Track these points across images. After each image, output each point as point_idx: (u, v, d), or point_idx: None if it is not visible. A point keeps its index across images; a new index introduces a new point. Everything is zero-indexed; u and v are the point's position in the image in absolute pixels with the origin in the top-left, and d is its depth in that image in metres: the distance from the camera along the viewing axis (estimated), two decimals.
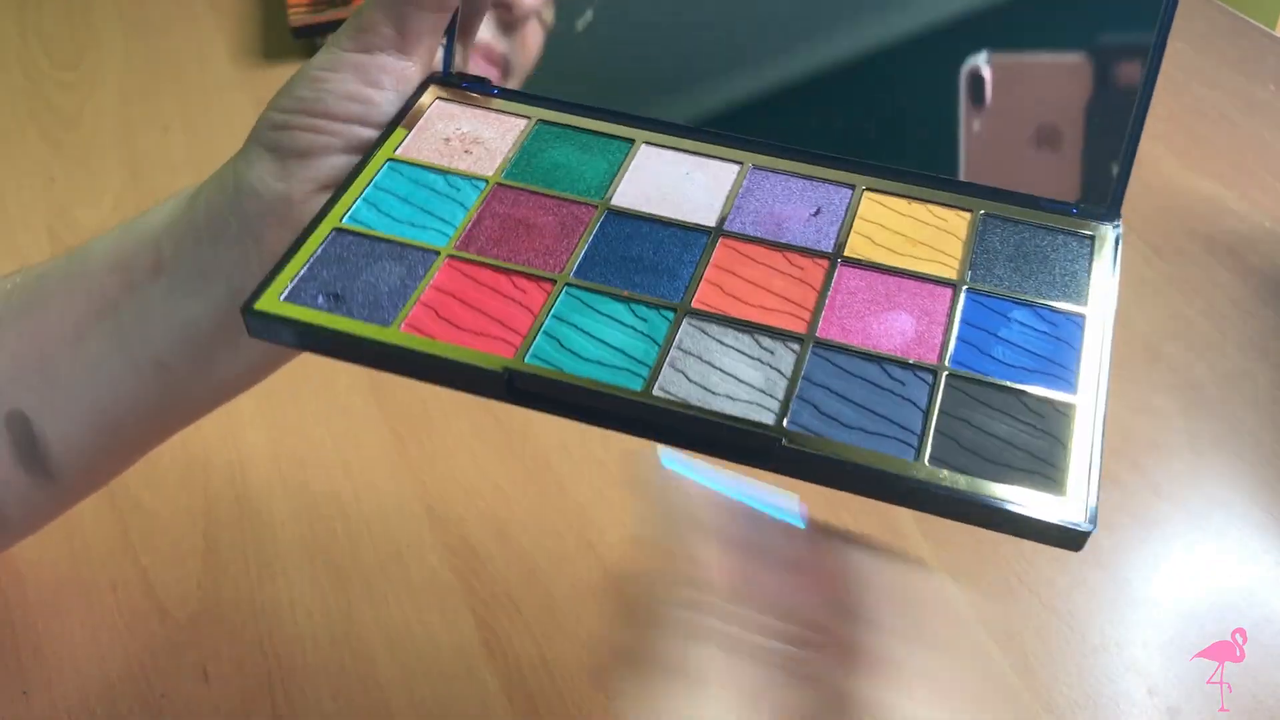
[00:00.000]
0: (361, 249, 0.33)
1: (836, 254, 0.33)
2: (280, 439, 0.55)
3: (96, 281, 0.38)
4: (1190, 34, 0.79)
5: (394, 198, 0.34)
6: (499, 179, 0.35)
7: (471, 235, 0.33)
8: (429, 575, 0.49)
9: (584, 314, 0.31)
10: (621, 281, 0.32)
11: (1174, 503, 0.51)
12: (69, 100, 0.80)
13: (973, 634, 0.46)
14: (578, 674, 0.45)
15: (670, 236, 0.34)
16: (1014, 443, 0.28)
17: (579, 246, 0.33)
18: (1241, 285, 0.60)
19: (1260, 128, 0.71)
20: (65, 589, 0.49)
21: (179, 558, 0.50)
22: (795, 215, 0.34)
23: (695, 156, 0.36)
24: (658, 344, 0.31)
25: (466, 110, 0.37)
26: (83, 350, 0.38)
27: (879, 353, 0.30)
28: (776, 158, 0.36)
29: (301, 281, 0.32)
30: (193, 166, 0.73)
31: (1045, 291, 0.32)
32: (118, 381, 0.38)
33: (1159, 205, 0.65)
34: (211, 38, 0.86)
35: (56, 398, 0.38)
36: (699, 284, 0.32)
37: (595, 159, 0.36)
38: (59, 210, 0.70)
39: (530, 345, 0.30)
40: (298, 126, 0.35)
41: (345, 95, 0.35)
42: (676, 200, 0.35)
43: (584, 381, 0.29)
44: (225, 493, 0.53)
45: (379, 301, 0.32)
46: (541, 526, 0.51)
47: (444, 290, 0.32)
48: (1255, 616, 0.47)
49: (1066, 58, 0.34)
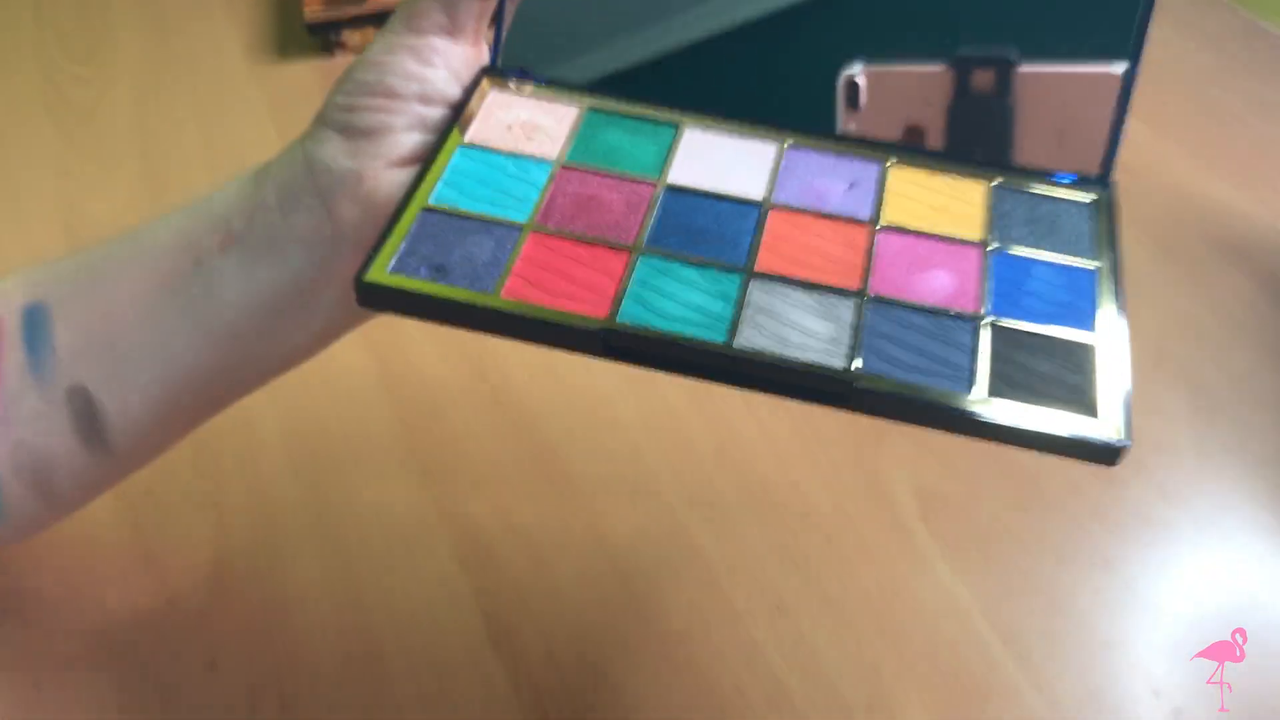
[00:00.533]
0: (451, 225, 0.36)
1: (875, 221, 0.37)
2: (291, 429, 0.55)
3: (164, 259, 0.40)
4: (1203, 36, 0.79)
5: (471, 180, 0.38)
6: (563, 161, 0.39)
7: (548, 211, 0.37)
8: (436, 566, 0.49)
9: (662, 278, 0.35)
10: (690, 249, 0.36)
11: (1180, 505, 0.51)
12: (84, 94, 0.80)
13: (978, 632, 0.46)
14: (585, 666, 0.45)
15: (726, 209, 0.37)
16: (1052, 377, 0.32)
17: (647, 219, 0.37)
18: (1253, 287, 0.60)
19: (1273, 130, 0.71)
20: (75, 579, 0.49)
21: (189, 548, 0.50)
22: (833, 188, 0.38)
23: (736, 138, 0.40)
24: (731, 302, 0.34)
25: (520, 100, 0.41)
26: (149, 325, 0.40)
27: (925, 304, 0.34)
28: (808, 137, 0.39)
29: (404, 256, 0.35)
30: (206, 160, 0.74)
31: (1059, 249, 0.36)
32: (185, 354, 0.40)
33: (1170, 207, 0.65)
34: (226, 33, 0.86)
35: (121, 371, 0.40)
36: (759, 249, 0.36)
37: (646, 142, 0.40)
38: (73, 203, 0.71)
39: (619, 306, 0.34)
40: (364, 107, 0.37)
41: (404, 74, 0.38)
42: (726, 177, 0.38)
43: (674, 336, 0.33)
44: (235, 483, 0.53)
45: (477, 272, 0.35)
46: (549, 518, 0.51)
47: (533, 260, 0.35)
48: (1261, 619, 0.47)
49: (1054, 34, 0.38)
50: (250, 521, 0.51)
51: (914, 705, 0.44)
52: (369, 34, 0.82)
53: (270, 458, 0.54)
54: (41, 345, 0.40)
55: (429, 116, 0.38)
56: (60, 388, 0.40)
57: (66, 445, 0.41)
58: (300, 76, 0.81)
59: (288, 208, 0.38)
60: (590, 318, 0.33)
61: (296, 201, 0.38)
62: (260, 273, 0.39)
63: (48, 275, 0.42)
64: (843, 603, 0.47)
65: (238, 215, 0.39)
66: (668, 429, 0.54)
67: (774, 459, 0.53)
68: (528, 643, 0.46)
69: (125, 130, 0.77)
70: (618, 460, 0.53)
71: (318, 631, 0.47)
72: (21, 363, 0.40)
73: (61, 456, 0.41)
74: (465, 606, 0.48)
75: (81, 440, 0.41)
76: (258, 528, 0.51)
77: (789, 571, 0.48)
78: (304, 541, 0.50)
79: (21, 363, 0.40)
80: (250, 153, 0.75)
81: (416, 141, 0.38)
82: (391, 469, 0.53)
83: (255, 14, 0.88)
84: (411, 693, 0.45)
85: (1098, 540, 0.49)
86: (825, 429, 0.54)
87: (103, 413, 0.40)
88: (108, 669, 0.46)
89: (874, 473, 0.52)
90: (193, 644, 0.47)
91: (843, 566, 0.48)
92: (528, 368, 0.57)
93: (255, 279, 0.39)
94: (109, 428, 0.41)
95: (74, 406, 0.40)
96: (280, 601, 0.48)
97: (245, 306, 0.39)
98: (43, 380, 0.40)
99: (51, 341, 0.40)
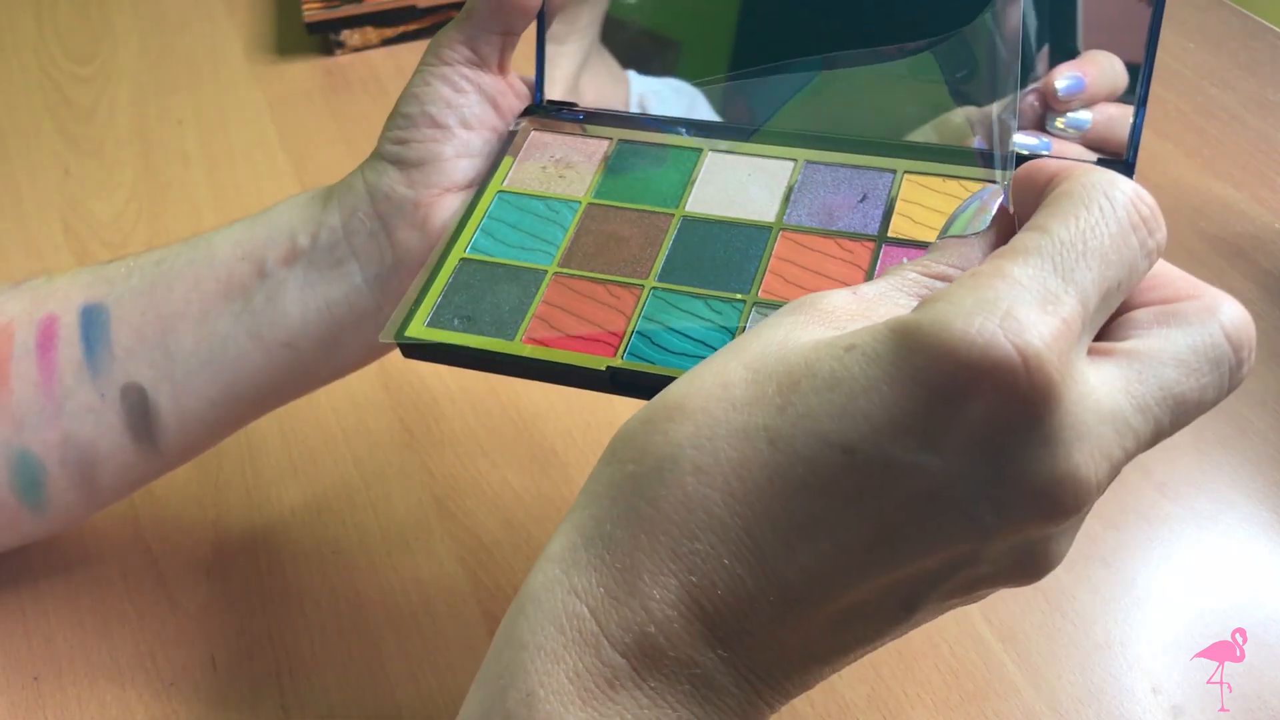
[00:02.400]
0: (484, 274, 0.39)
1: (881, 236, 0.38)
2: (291, 429, 0.55)
3: (225, 267, 0.42)
4: (1202, 35, 0.79)
5: (505, 225, 0.40)
6: (589, 199, 0.41)
7: (571, 252, 0.39)
8: (436, 565, 0.49)
9: (668, 313, 0.37)
10: (698, 281, 0.38)
11: (1180, 502, 0.51)
12: (84, 94, 0.80)
13: (977, 631, 0.46)
14: None
15: (737, 235, 0.39)
16: None
17: (660, 253, 0.39)
18: (1250, 286, 0.60)
19: (1271, 129, 0.71)
20: (76, 577, 0.49)
21: (189, 547, 0.51)
22: (844, 203, 0.39)
23: (755, 159, 0.41)
24: (731, 332, 0.36)
25: (558, 138, 0.43)
26: (208, 330, 0.42)
27: None
28: (826, 150, 0.41)
29: (440, 309, 0.38)
30: (206, 161, 0.74)
31: None
32: (242, 360, 0.42)
33: (1168, 206, 0.65)
34: (226, 33, 0.86)
35: (176, 372, 0.42)
36: (763, 275, 0.37)
37: (669, 170, 0.41)
38: (73, 203, 0.71)
39: (627, 344, 0.36)
40: (413, 139, 0.41)
41: (442, 102, 0.41)
42: (741, 201, 0.40)
43: (672, 372, 0.34)
44: (236, 482, 0.53)
45: (502, 319, 0.37)
46: (548, 516, 0.51)
47: (553, 303, 0.38)
48: (1261, 616, 0.47)
49: (1075, 25, 0.39)
50: (250, 521, 0.51)
51: (914, 704, 0.44)
52: (369, 34, 0.83)
53: (270, 457, 0.54)
54: (98, 342, 0.42)
55: (472, 142, 0.42)
56: (115, 385, 0.42)
57: (116, 441, 0.43)
58: (300, 76, 0.81)
59: (351, 230, 0.41)
60: (599, 358, 0.36)
61: (360, 225, 0.41)
62: (321, 288, 0.41)
63: (105, 277, 0.43)
64: None
65: (303, 232, 0.42)
66: None
67: None
68: None
69: (125, 129, 0.77)
70: None
71: (318, 631, 0.47)
72: (78, 359, 0.42)
73: (109, 452, 0.43)
74: (465, 606, 0.48)
75: (132, 437, 0.43)
76: (258, 528, 0.51)
77: None
78: (304, 541, 0.50)
79: (78, 359, 0.42)
80: (250, 152, 0.75)
81: (466, 168, 0.41)
82: (392, 469, 0.53)
83: (255, 14, 0.88)
84: (411, 692, 0.45)
85: (1097, 538, 0.49)
86: None
87: (155, 411, 0.42)
88: (108, 668, 0.46)
89: None
90: (193, 643, 0.47)
91: None
92: None
93: (316, 293, 0.41)
94: (160, 426, 0.43)
95: (128, 403, 0.42)
96: (280, 601, 0.48)
97: (304, 318, 0.41)
98: (97, 376, 0.42)
99: (109, 340, 0.42)
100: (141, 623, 0.48)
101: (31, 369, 0.42)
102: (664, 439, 0.26)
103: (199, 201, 0.70)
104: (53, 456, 0.43)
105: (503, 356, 0.36)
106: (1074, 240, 0.25)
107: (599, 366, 0.35)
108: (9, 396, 0.42)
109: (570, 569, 0.26)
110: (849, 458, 0.24)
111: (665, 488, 0.26)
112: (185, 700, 0.45)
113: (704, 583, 0.25)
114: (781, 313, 0.28)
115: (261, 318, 0.42)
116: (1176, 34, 0.79)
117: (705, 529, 0.25)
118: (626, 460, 0.27)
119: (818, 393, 0.25)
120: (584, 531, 0.27)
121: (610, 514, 0.26)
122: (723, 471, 0.25)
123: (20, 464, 0.42)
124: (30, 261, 0.66)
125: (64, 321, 0.43)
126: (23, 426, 0.42)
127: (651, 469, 0.26)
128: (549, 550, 0.27)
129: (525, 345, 0.37)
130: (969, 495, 0.24)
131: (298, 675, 0.46)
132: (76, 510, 0.45)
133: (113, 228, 0.69)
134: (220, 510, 0.52)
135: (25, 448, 0.42)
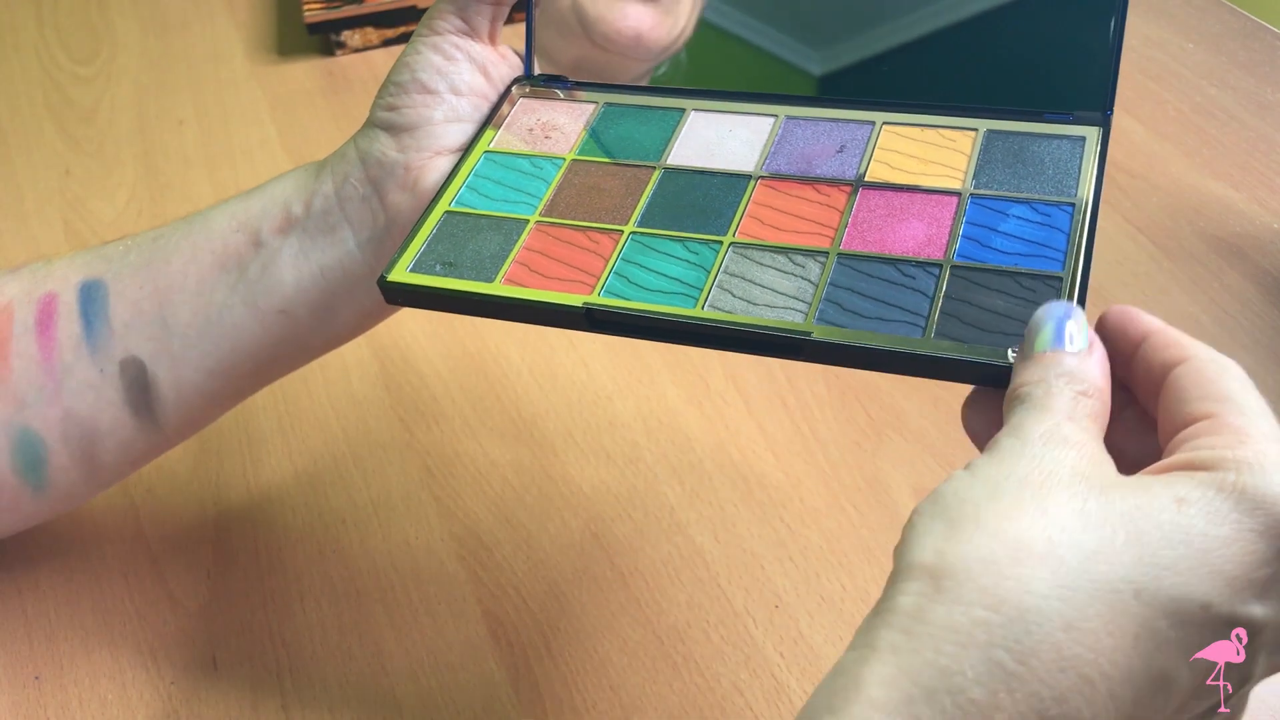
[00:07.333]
0: (467, 225, 0.39)
1: (858, 181, 0.38)
2: (291, 428, 0.55)
3: (221, 240, 0.43)
4: (1201, 35, 0.79)
5: (491, 182, 0.41)
6: (573, 156, 0.42)
7: (554, 203, 0.40)
8: (436, 564, 0.49)
9: (647, 255, 0.37)
10: (677, 225, 0.38)
11: None
12: (85, 94, 0.80)
13: None
14: (583, 663, 0.45)
15: (717, 184, 0.39)
16: (1009, 314, 0.33)
17: (641, 201, 0.39)
18: (1249, 286, 0.60)
19: (1270, 129, 0.71)
20: (77, 576, 0.50)
21: (190, 546, 0.51)
22: (823, 153, 0.40)
23: (737, 116, 0.42)
24: (707, 270, 0.36)
25: (545, 103, 0.44)
26: (205, 301, 0.42)
27: (893, 255, 0.36)
28: (808, 107, 0.41)
29: (423, 256, 0.39)
30: (207, 160, 0.74)
31: (1041, 189, 0.37)
32: (239, 330, 0.42)
33: (1167, 206, 0.66)
34: (227, 33, 0.86)
35: (174, 345, 0.42)
36: (741, 219, 0.38)
37: (652, 129, 0.42)
38: (74, 202, 0.71)
39: (604, 283, 0.36)
40: (403, 105, 0.41)
41: (433, 69, 0.41)
42: (722, 154, 0.40)
43: (647, 307, 0.35)
44: (236, 481, 0.53)
45: (483, 264, 0.38)
46: (548, 516, 0.51)
47: (534, 249, 0.38)
48: None
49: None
50: (251, 521, 0.52)
51: None
52: (369, 34, 0.83)
53: (270, 456, 0.54)
54: (97, 318, 0.43)
55: (462, 107, 0.42)
56: (114, 360, 0.42)
57: (116, 416, 0.43)
58: (300, 76, 0.81)
59: (344, 196, 0.42)
60: (576, 296, 0.36)
61: (352, 191, 0.42)
62: (315, 254, 0.42)
63: (103, 255, 0.44)
64: (841, 601, 0.47)
65: (296, 201, 0.42)
66: (667, 428, 0.54)
67: (773, 458, 0.53)
68: (528, 642, 0.46)
69: (126, 129, 0.77)
70: (617, 460, 0.53)
71: (318, 629, 0.47)
72: (77, 335, 0.43)
73: (110, 427, 0.43)
74: (464, 604, 0.48)
75: (131, 411, 0.43)
76: (258, 527, 0.51)
77: (788, 570, 0.48)
78: (304, 541, 0.51)
79: (77, 335, 0.43)
80: (250, 153, 0.76)
81: (456, 132, 0.42)
82: (392, 469, 0.53)
83: (255, 14, 0.89)
84: (410, 690, 0.45)
85: None
86: (825, 428, 0.54)
87: (155, 384, 0.43)
88: (109, 667, 0.46)
89: (873, 472, 0.52)
90: (194, 642, 0.47)
91: (841, 565, 0.48)
92: (528, 368, 0.57)
93: (310, 260, 0.42)
94: (159, 399, 0.43)
95: (127, 377, 0.42)
96: (281, 600, 0.48)
97: (298, 284, 0.42)
98: (96, 352, 0.42)
99: (107, 315, 0.43)
100: (143, 622, 0.48)
101: (31, 346, 0.42)
102: (1018, 585, 0.25)
103: (199, 201, 0.70)
104: (54, 433, 0.43)
105: (482, 297, 0.37)
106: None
107: (576, 304, 0.36)
108: (10, 375, 0.42)
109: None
110: (1205, 613, 0.25)
111: (1035, 642, 0.24)
112: (186, 699, 0.45)
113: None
114: (1028, 443, 0.28)
115: (257, 286, 0.42)
116: (1176, 34, 0.79)
117: (1075, 691, 0.24)
118: (974, 604, 0.25)
119: (1171, 546, 0.25)
120: (921, 682, 0.24)
121: (961, 665, 0.24)
122: (1093, 628, 0.24)
123: (22, 442, 0.43)
124: (31, 262, 0.66)
125: (63, 299, 0.43)
126: (24, 404, 0.42)
127: (1014, 619, 0.24)
128: (869, 692, 0.24)
129: (504, 286, 0.37)
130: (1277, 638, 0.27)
131: (299, 674, 0.46)
132: (77, 490, 0.45)
133: (113, 227, 0.69)
134: (221, 510, 0.52)
135: (27, 425, 0.43)
